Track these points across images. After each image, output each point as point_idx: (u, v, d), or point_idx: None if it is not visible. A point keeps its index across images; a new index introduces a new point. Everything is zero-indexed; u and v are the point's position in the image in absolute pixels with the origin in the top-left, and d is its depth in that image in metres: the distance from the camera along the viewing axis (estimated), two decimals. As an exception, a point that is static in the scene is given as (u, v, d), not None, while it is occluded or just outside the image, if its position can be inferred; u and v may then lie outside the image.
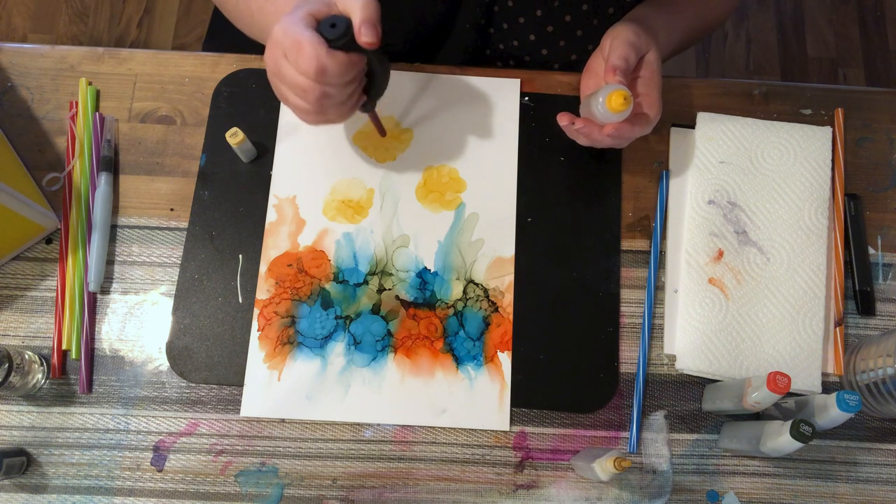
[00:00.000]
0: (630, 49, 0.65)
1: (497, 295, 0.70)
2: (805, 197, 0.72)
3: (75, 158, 0.72)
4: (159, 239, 0.71)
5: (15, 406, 0.67)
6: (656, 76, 0.67)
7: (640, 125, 0.66)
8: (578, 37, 0.77)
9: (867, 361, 0.65)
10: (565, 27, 0.76)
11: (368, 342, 0.68)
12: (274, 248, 0.70)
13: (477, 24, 0.76)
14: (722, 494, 0.66)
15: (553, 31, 0.76)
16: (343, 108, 0.62)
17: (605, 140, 0.66)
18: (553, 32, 0.76)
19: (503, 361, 0.68)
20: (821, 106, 0.77)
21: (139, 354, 0.68)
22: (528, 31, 0.76)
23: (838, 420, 0.58)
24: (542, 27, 0.76)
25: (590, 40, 0.76)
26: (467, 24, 0.76)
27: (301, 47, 0.55)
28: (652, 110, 0.66)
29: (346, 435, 0.66)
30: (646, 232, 0.73)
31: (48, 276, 0.70)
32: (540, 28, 0.76)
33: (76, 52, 0.77)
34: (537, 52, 0.78)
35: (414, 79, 0.76)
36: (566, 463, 0.66)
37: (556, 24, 0.75)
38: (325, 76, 0.56)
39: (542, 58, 0.79)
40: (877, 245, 0.73)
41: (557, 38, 0.77)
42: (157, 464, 0.65)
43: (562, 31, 0.76)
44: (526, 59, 0.80)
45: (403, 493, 0.65)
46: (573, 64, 0.80)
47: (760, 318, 0.69)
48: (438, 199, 0.72)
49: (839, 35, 1.74)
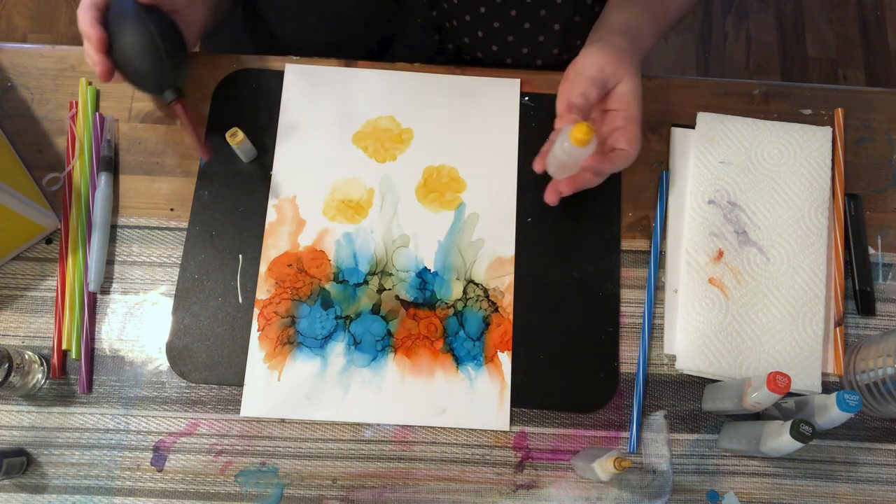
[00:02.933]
0: (590, 84, 0.63)
1: (497, 295, 0.70)
2: (805, 197, 0.72)
3: (75, 158, 0.72)
4: (159, 239, 0.71)
5: (15, 406, 0.67)
6: (632, 107, 0.65)
7: (618, 161, 0.65)
8: (557, 31, 0.77)
9: (867, 361, 0.65)
10: (540, 21, 0.76)
11: (368, 342, 0.68)
12: (274, 248, 0.70)
13: (429, 18, 0.75)
14: (722, 494, 0.66)
15: (530, 28, 0.76)
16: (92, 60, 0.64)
17: (580, 181, 0.65)
18: (529, 29, 0.76)
19: (503, 361, 0.68)
20: (821, 106, 0.77)
21: (139, 354, 0.68)
22: (494, 29, 0.76)
23: (838, 420, 0.58)
24: (520, 24, 0.76)
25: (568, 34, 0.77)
26: (418, 19, 0.76)
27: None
28: (630, 145, 0.64)
29: (346, 435, 0.66)
30: (646, 232, 0.73)
31: (48, 276, 0.70)
32: (515, 27, 0.76)
33: (76, 52, 0.77)
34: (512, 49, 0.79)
35: (414, 79, 0.76)
36: (566, 463, 0.66)
37: (531, 21, 0.76)
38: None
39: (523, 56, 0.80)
40: (877, 245, 0.73)
41: (535, 34, 0.77)
42: (157, 464, 0.65)
43: (538, 27, 0.76)
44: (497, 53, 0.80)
45: (403, 493, 0.65)
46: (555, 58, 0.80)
47: (760, 318, 0.69)
48: (438, 199, 0.72)
49: (839, 35, 1.74)
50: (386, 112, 0.75)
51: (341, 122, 0.74)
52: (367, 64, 0.77)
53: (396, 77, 0.76)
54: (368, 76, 0.76)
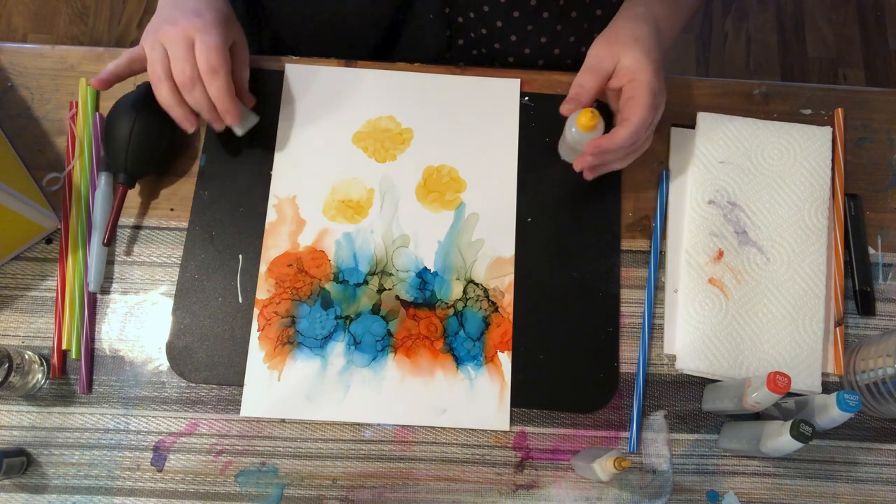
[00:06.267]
0: (584, 73, 0.66)
1: (497, 295, 0.70)
2: (805, 197, 0.72)
3: (75, 158, 0.72)
4: (159, 239, 0.71)
5: (15, 406, 0.67)
6: (639, 75, 0.65)
7: (619, 135, 0.64)
8: (558, 31, 0.77)
9: (867, 361, 0.65)
10: (544, 22, 0.76)
11: (368, 342, 0.68)
12: (274, 248, 0.70)
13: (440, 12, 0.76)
14: (722, 494, 0.66)
15: (532, 30, 0.76)
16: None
17: (605, 159, 0.67)
18: (532, 31, 0.76)
19: (503, 361, 0.68)
20: (821, 106, 0.77)
21: (139, 354, 0.68)
22: (503, 26, 0.76)
23: (838, 420, 0.58)
24: (524, 25, 0.76)
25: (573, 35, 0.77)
26: (430, 15, 0.76)
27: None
28: (635, 113, 0.64)
29: (346, 435, 0.66)
30: (646, 232, 0.73)
31: (48, 276, 0.70)
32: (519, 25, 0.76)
33: (76, 52, 0.77)
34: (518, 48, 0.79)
35: (414, 79, 0.76)
36: (566, 463, 0.66)
37: (534, 23, 0.76)
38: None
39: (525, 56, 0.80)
40: (877, 245, 0.73)
41: (538, 35, 0.77)
42: (157, 464, 0.65)
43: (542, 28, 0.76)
44: (504, 55, 0.80)
45: (403, 493, 0.65)
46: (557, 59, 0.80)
47: (760, 318, 0.69)
48: (438, 199, 0.72)
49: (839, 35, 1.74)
50: (386, 112, 0.75)
51: (341, 122, 0.75)
52: (367, 64, 0.77)
53: (396, 77, 0.76)
54: (368, 76, 0.76)
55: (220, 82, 0.64)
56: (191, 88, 0.64)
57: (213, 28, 0.65)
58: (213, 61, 0.64)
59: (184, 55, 0.64)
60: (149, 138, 0.69)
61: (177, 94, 0.65)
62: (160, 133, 0.70)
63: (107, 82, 0.66)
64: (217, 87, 0.64)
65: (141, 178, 0.72)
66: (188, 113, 0.66)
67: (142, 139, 0.69)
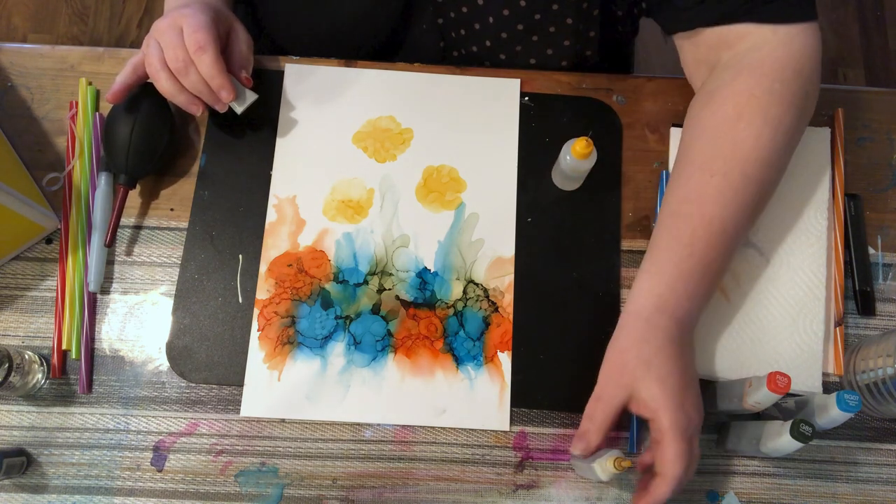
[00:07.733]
0: (596, 405, 0.60)
1: (497, 295, 0.70)
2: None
3: (75, 158, 0.72)
4: (159, 239, 0.71)
5: (15, 406, 0.67)
6: (660, 416, 0.56)
7: (657, 492, 0.57)
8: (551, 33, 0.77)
9: (867, 361, 0.65)
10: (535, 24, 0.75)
11: (368, 342, 0.68)
12: (274, 248, 0.70)
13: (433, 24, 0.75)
14: (722, 494, 0.66)
15: (523, 29, 0.76)
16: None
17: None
18: (523, 30, 0.76)
19: (503, 361, 0.68)
20: (821, 106, 0.77)
21: (139, 354, 0.68)
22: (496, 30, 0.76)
23: (838, 420, 0.58)
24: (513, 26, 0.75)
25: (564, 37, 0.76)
26: (424, 25, 0.76)
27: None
28: (665, 466, 0.56)
29: (346, 435, 0.66)
30: (646, 232, 0.73)
31: (48, 276, 0.70)
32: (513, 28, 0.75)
33: (76, 52, 0.77)
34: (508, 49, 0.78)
35: (414, 79, 0.76)
36: (566, 463, 0.66)
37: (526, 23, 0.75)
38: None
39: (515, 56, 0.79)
40: (877, 245, 0.73)
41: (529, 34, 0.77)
42: (157, 464, 0.65)
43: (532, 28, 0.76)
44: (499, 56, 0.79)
45: (403, 493, 0.65)
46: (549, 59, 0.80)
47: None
48: (438, 199, 0.72)
49: (839, 35, 1.74)
50: (386, 112, 0.75)
51: (341, 122, 0.74)
52: (367, 64, 0.77)
53: (396, 77, 0.76)
54: (368, 76, 0.76)
55: (209, 58, 0.64)
56: (186, 73, 0.65)
57: (200, 12, 0.66)
58: (199, 40, 0.64)
59: (174, 42, 0.65)
60: (149, 139, 0.69)
61: (176, 83, 0.66)
62: (160, 133, 0.71)
63: (120, 94, 0.68)
64: (206, 63, 0.65)
65: (141, 178, 0.72)
66: (191, 98, 0.67)
67: (142, 140, 0.69)
